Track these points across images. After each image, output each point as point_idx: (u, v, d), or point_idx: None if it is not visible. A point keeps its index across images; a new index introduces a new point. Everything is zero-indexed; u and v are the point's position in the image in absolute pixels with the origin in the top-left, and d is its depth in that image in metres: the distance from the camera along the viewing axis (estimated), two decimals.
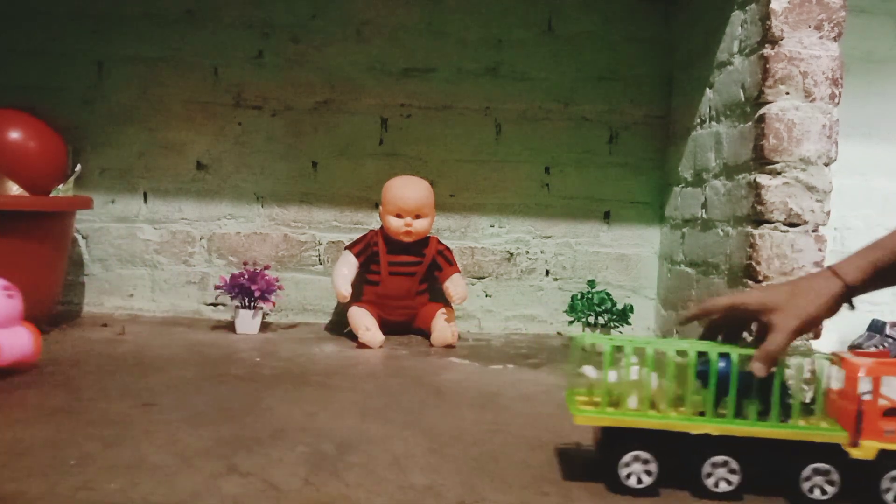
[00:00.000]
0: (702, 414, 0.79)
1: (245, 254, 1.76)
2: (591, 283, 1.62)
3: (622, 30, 1.74)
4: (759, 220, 1.18)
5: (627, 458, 0.77)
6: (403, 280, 1.59)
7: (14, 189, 1.52)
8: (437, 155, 1.75)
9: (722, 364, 0.79)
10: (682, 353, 0.80)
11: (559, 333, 1.75)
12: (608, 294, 1.57)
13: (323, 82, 1.74)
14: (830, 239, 1.50)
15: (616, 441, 0.79)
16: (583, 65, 1.74)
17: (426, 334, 1.58)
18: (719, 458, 0.77)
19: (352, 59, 1.74)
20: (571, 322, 1.59)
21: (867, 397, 0.77)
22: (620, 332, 1.67)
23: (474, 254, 1.77)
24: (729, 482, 0.77)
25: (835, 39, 1.17)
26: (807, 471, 0.77)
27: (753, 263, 1.18)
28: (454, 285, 1.58)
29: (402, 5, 1.74)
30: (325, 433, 0.93)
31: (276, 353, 1.40)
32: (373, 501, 0.73)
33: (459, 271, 1.62)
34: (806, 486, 0.77)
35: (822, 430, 0.77)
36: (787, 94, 1.17)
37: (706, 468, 0.77)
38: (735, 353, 0.79)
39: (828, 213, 1.18)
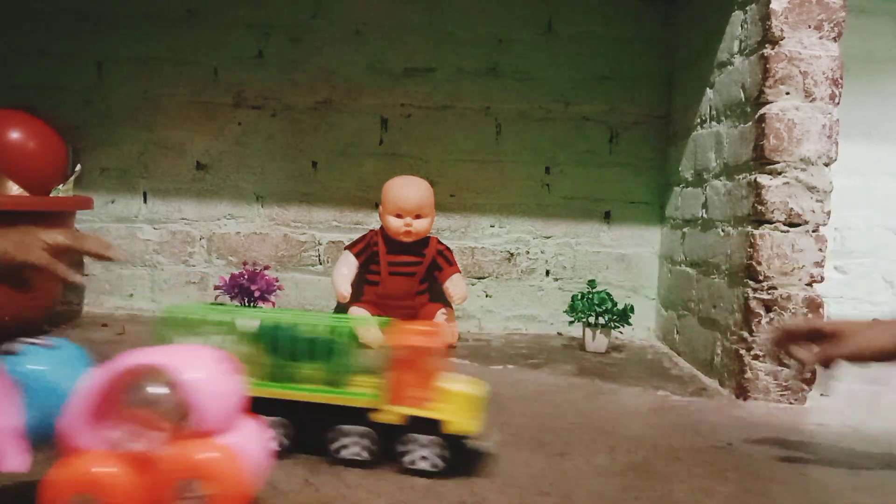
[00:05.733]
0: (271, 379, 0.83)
1: (245, 254, 1.76)
2: (592, 283, 1.62)
3: (622, 30, 1.74)
4: (759, 220, 1.18)
5: None
6: (403, 280, 1.58)
7: (14, 189, 1.52)
8: (437, 155, 1.75)
9: (275, 331, 0.83)
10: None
11: (559, 334, 1.75)
12: (608, 294, 1.57)
13: (323, 82, 1.74)
14: (831, 239, 1.50)
15: None
16: (583, 65, 1.74)
17: None
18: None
19: (352, 59, 1.74)
20: (572, 322, 1.58)
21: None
22: (621, 333, 1.67)
23: (474, 254, 1.77)
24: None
25: (835, 39, 1.17)
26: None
27: (754, 263, 1.18)
28: (454, 285, 1.58)
29: (402, 5, 1.74)
30: None
31: None
32: (373, 502, 0.73)
33: (459, 271, 1.62)
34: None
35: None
36: (788, 94, 1.17)
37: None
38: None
39: (828, 213, 1.18)
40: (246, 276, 1.57)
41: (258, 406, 0.78)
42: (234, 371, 0.67)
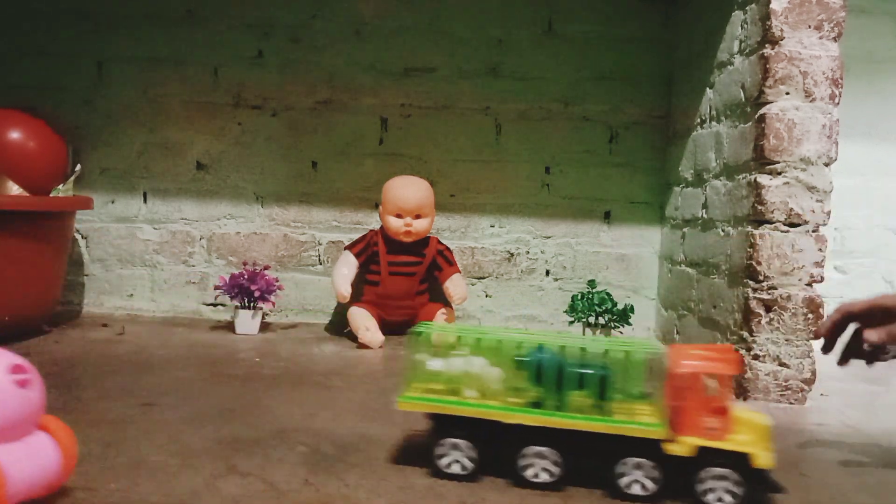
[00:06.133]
0: (536, 405, 0.77)
1: (245, 254, 1.76)
2: (592, 283, 1.62)
3: (622, 30, 1.74)
4: (759, 220, 1.18)
5: (444, 445, 0.78)
6: (403, 280, 1.59)
7: (14, 189, 1.52)
8: (437, 155, 1.75)
9: (547, 356, 0.78)
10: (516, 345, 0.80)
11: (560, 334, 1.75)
12: (608, 294, 1.57)
13: (323, 82, 1.74)
14: (831, 239, 1.50)
15: (437, 428, 0.80)
16: (583, 65, 1.74)
17: None
18: (539, 449, 0.76)
19: (352, 59, 1.74)
20: (571, 322, 1.58)
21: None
22: (621, 333, 1.67)
23: (474, 254, 1.77)
24: (550, 473, 0.76)
25: (835, 39, 1.17)
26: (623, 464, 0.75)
27: (754, 263, 1.18)
28: (454, 285, 1.58)
29: (402, 5, 1.74)
30: (325, 433, 0.93)
31: (276, 353, 1.40)
32: (373, 501, 0.73)
33: (459, 271, 1.62)
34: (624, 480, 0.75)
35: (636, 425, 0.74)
36: (788, 94, 1.17)
37: (524, 458, 0.76)
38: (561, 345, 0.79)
39: (828, 213, 1.18)
40: (246, 276, 1.57)
41: (522, 435, 0.76)
42: (28, 381, 0.64)
